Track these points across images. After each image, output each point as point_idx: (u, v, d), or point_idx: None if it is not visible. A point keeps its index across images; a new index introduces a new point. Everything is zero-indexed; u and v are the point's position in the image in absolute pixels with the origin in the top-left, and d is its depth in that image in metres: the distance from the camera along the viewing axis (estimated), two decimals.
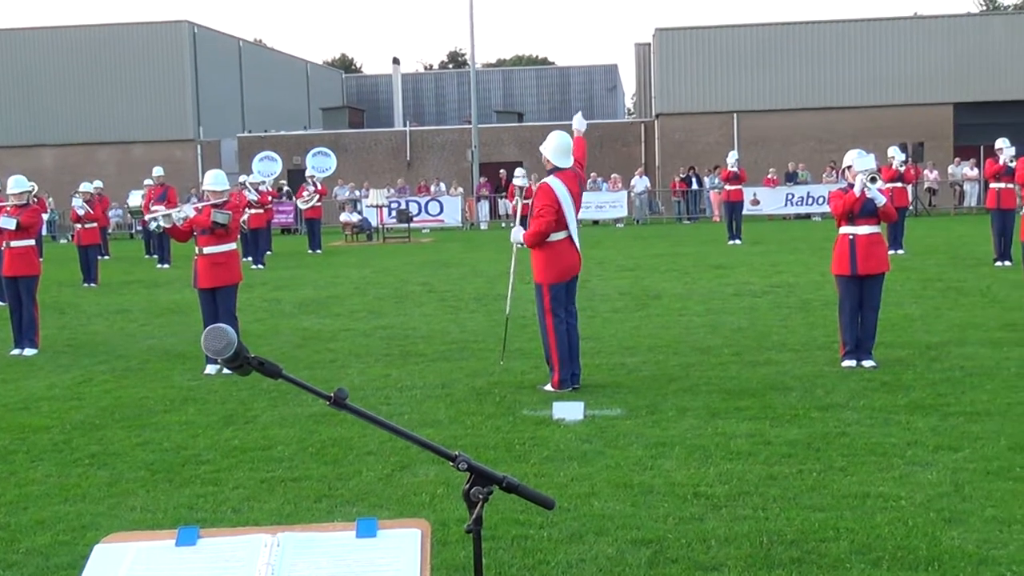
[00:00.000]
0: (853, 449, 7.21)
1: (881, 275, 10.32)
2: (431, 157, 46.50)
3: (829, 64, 43.57)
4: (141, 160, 38.68)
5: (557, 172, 9.57)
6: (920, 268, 18.46)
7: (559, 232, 9.47)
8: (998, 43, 43.43)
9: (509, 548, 5.48)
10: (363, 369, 10.98)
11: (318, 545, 2.54)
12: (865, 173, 10.23)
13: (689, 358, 10.87)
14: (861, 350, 10.15)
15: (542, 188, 9.54)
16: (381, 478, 6.94)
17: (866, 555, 5.28)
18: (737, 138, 42.27)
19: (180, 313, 15.71)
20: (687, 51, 44.68)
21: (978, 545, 5.35)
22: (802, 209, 37.37)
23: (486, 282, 18.76)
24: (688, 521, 5.86)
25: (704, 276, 18.80)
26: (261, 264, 24.22)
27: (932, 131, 42.48)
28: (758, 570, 5.14)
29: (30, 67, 46.43)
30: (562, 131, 10.03)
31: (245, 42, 53.77)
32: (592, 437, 7.79)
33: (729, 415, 8.32)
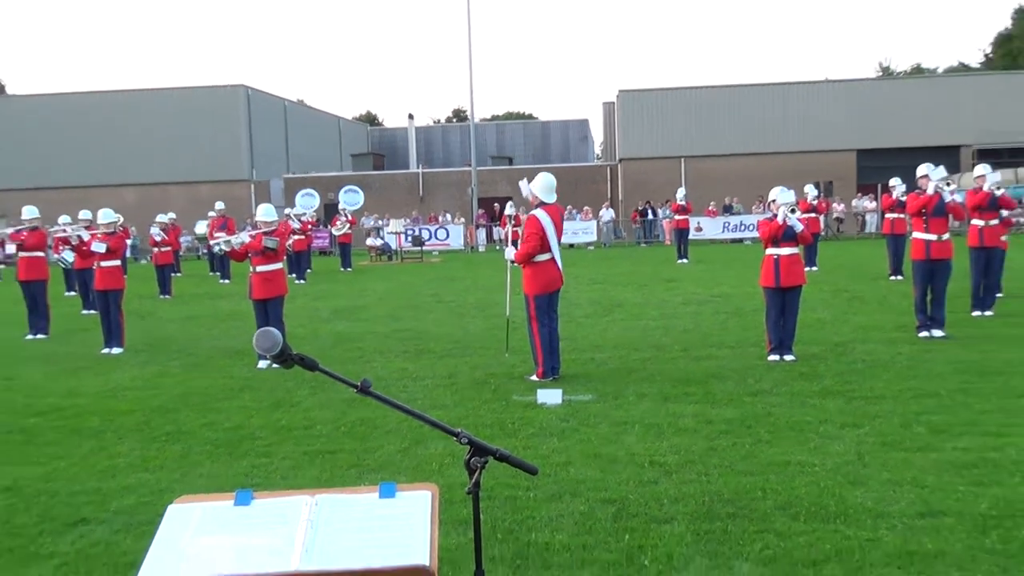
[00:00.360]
0: (777, 426, 7.24)
1: (799, 287, 10.36)
2: (439, 193, 46.54)
3: (757, 119, 43.85)
4: (206, 196, 38.60)
5: (543, 206, 9.64)
6: (830, 281, 18.51)
7: (544, 254, 9.52)
8: (891, 101, 43.82)
9: (502, 506, 5.49)
10: (385, 363, 10.98)
11: (348, 504, 2.56)
12: (786, 205, 10.29)
13: (646, 354, 10.89)
14: (783, 347, 10.19)
15: (531, 218, 9.59)
16: (400, 451, 6.95)
17: (787, 510, 5.30)
18: (684, 178, 42.35)
19: (238, 319, 15.70)
20: (644, 108, 44.89)
21: (876, 502, 5.38)
22: (736, 235, 37.54)
23: (484, 293, 18.77)
24: (645, 484, 5.88)
25: (658, 288, 18.83)
26: (303, 280, 24.19)
27: (839, 172, 42.85)
28: (701, 523, 5.15)
29: (117, 122, 46.41)
30: (547, 173, 10.10)
31: (289, 101, 53.74)
32: (569, 417, 7.80)
33: (678, 399, 8.34)
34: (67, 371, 11.27)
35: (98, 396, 9.60)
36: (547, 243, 9.51)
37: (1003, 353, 10.03)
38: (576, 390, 8.85)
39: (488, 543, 4.85)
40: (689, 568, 4.55)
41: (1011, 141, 42.26)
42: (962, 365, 9.44)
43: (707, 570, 4.52)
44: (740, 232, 37.23)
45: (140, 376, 10.72)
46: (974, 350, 10.30)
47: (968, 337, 11.19)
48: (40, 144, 46.20)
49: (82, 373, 11.09)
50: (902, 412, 7.52)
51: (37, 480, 6.51)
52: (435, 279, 23.68)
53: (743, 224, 37.15)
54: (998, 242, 13.26)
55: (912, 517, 5.11)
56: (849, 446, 6.58)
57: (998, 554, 4.58)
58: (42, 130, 46.51)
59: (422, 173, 48.19)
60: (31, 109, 48.01)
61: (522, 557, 4.75)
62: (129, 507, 5.82)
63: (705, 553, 4.73)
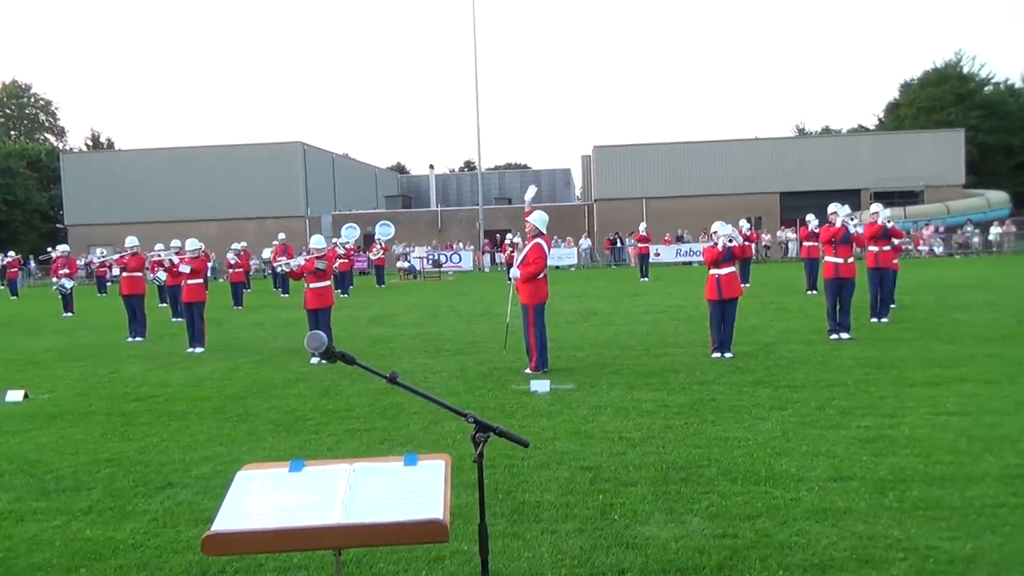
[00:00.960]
0: (719, 409, 7.20)
1: (736, 299, 10.34)
2: (454, 227, 46.48)
3: (703, 168, 43.93)
4: (271, 228, 38.52)
5: (542, 235, 9.65)
6: (760, 295, 18.49)
7: (542, 274, 9.57)
8: (806, 155, 44.08)
9: (502, 472, 5.45)
10: (410, 360, 10.94)
11: (380, 471, 2.53)
12: (726, 236, 10.29)
13: (616, 352, 10.85)
14: (724, 347, 10.15)
15: (536, 246, 9.63)
16: (421, 429, 6.90)
17: (727, 476, 5.26)
18: (645, 214, 42.31)
19: (295, 325, 15.65)
20: (614, 160, 44.98)
21: (797, 469, 5.34)
22: (686, 258, 37.49)
23: (488, 305, 18.74)
24: (616, 455, 5.84)
25: (625, 301, 18.80)
26: (346, 294, 24.14)
27: (766, 209, 42.88)
28: (659, 485, 5.11)
29: (202, 170, 46.44)
30: (542, 211, 10.08)
31: (336, 154, 53.72)
32: (555, 402, 7.76)
33: (641, 388, 8.30)
34: (159, 366, 11.22)
35: (183, 386, 9.55)
36: (545, 265, 9.64)
37: (896, 351, 10.00)
38: (561, 381, 8.81)
39: (490, 502, 4.81)
40: (650, 522, 4.51)
41: (899, 186, 42.49)
42: (864, 360, 9.41)
43: (664, 523, 4.47)
44: (689, 256, 37.22)
45: (217, 370, 10.67)
46: (873, 348, 10.27)
47: (868, 339, 11.16)
48: (141, 187, 46.19)
49: (171, 368, 11.04)
50: (817, 398, 7.48)
51: (134, 452, 6.46)
52: (450, 294, 23.64)
53: (691, 251, 37.20)
54: (891, 264, 13.37)
55: (826, 481, 5.07)
56: (775, 425, 6.55)
57: (894, 510, 4.54)
58: (143, 176, 46.51)
59: (440, 211, 48.21)
60: (134, 160, 48.04)
61: (518, 513, 4.71)
62: (207, 474, 5.77)
63: (663, 510, 4.69)
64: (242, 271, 22.81)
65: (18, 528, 4.80)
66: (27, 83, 70.30)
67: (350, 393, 8.59)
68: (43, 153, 59.40)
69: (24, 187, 55.14)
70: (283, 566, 4.04)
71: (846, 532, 4.25)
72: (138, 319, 14.71)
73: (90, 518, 4.93)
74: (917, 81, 57.45)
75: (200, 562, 4.12)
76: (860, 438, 6.03)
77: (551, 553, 4.11)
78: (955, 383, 7.91)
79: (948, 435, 6.04)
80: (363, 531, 2.25)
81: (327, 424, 7.22)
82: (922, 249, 35.87)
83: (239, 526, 2.30)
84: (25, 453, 6.55)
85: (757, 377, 8.65)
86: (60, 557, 4.32)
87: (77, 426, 7.50)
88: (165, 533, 4.62)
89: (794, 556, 3.96)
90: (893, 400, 7.28)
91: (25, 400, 8.85)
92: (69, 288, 20.93)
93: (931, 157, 42.77)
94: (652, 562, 3.95)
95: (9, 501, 5.31)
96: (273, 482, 2.51)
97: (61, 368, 11.36)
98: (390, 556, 4.10)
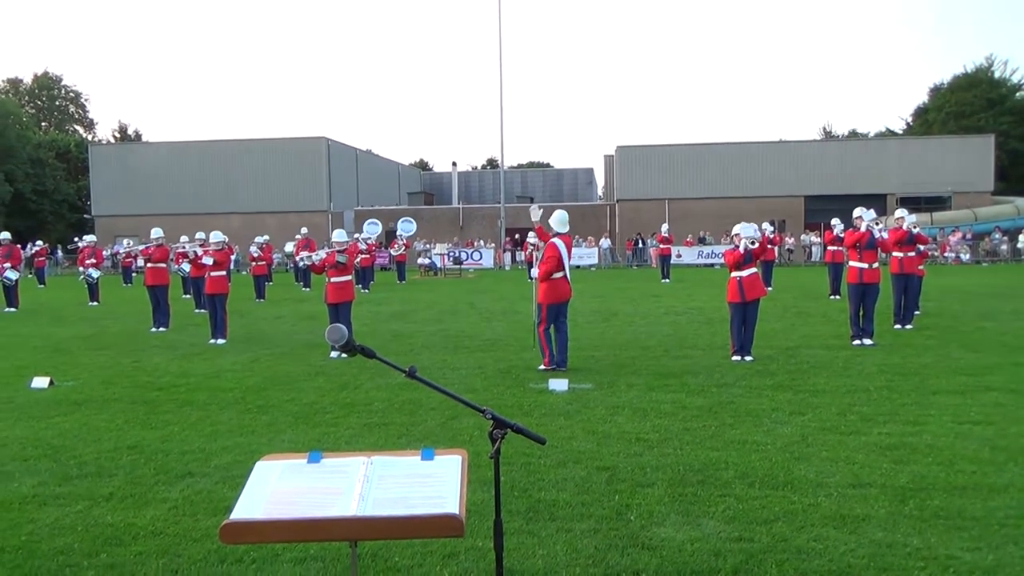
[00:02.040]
0: (738, 412, 7.15)
1: (758, 301, 10.26)
2: (475, 224, 46.54)
3: (726, 170, 43.74)
4: (294, 223, 38.75)
5: (559, 235, 9.65)
6: (782, 299, 18.34)
7: (558, 272, 9.53)
8: (832, 158, 43.71)
9: (519, 470, 5.45)
10: (430, 356, 10.96)
11: (396, 465, 2.54)
12: (748, 239, 10.22)
13: (635, 353, 10.81)
14: (744, 350, 10.08)
15: (550, 245, 9.64)
16: (439, 424, 6.92)
17: (745, 479, 5.22)
18: (668, 215, 42.18)
19: (315, 319, 15.75)
20: (637, 160, 44.85)
21: (816, 474, 5.30)
22: (708, 260, 37.23)
23: (508, 303, 18.75)
24: (632, 456, 5.82)
25: (646, 302, 18.72)
26: (367, 290, 24.23)
27: (790, 213, 42.54)
28: (676, 487, 5.09)
29: (227, 164, 46.89)
30: (562, 210, 10.07)
31: (360, 150, 53.93)
32: (573, 401, 7.75)
33: (660, 389, 8.26)
34: (182, 356, 11.34)
35: (205, 376, 9.64)
36: (561, 264, 9.54)
37: (920, 358, 9.88)
38: (579, 380, 8.79)
39: (507, 499, 4.81)
40: (666, 523, 4.49)
41: (926, 191, 41.98)
42: (886, 367, 9.31)
43: (680, 525, 4.45)
44: (711, 259, 36.96)
45: (239, 361, 10.75)
46: (896, 355, 10.15)
47: (891, 345, 11.03)
48: (168, 180, 46.69)
49: (193, 358, 11.15)
50: (838, 404, 7.41)
51: (155, 441, 6.54)
52: (470, 291, 23.67)
53: (713, 252, 36.88)
54: (915, 270, 13.22)
55: (845, 487, 5.02)
56: (795, 430, 6.49)
57: (914, 519, 4.49)
58: (169, 169, 47.00)
59: (462, 208, 48.26)
60: (161, 153, 48.55)
61: (534, 511, 4.70)
62: (226, 464, 5.82)
63: (679, 511, 4.66)
64: (265, 264, 22.96)
65: (41, 512, 4.87)
66: (58, 75, 71.24)
67: (369, 387, 8.63)
68: (72, 144, 60.23)
69: (53, 178, 55.97)
70: (300, 557, 4.07)
71: (864, 539, 4.20)
72: (162, 309, 14.87)
73: (111, 504, 4.99)
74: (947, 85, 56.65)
75: (218, 550, 4.16)
76: (881, 445, 5.96)
77: (566, 552, 4.11)
78: (979, 392, 7.80)
79: (971, 444, 5.95)
80: (379, 524, 2.26)
81: (346, 417, 7.25)
82: (948, 256, 35.39)
83: (257, 515, 2.32)
84: (49, 439, 6.65)
85: (777, 381, 8.58)
86: (81, 542, 4.38)
87: (100, 413, 7.61)
88: (184, 521, 4.67)
89: (811, 562, 3.93)
90: (915, 408, 7.19)
91: (50, 387, 8.98)
92: (96, 278, 21.22)
93: (960, 162, 42.22)
94: (667, 564, 3.94)
95: (33, 485, 5.39)
96: (291, 473, 2.52)
97: (86, 356, 11.52)
98: (406, 550, 4.11)
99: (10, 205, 51.21)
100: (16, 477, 5.59)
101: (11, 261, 20.11)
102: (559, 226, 9.69)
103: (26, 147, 54.17)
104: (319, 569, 3.94)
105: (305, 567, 3.97)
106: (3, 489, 5.33)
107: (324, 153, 47.01)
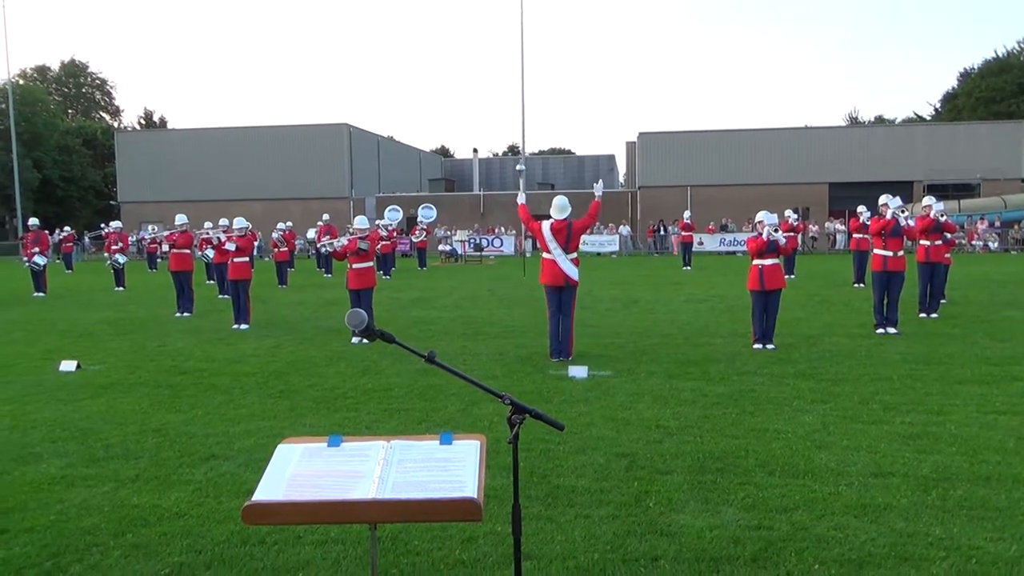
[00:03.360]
0: (758, 400, 7.11)
1: (779, 290, 10.17)
2: (496, 211, 46.49)
3: (749, 156, 43.26)
4: (316, 210, 38.96)
5: (552, 220, 9.55)
6: (804, 287, 18.18)
7: (545, 254, 9.52)
8: (858, 144, 43.05)
9: (538, 456, 5.46)
10: (450, 342, 11.00)
11: (416, 448, 2.56)
12: (771, 226, 10.12)
13: (655, 340, 10.78)
14: (765, 338, 10.01)
15: (534, 226, 9.72)
16: (459, 410, 6.95)
17: (765, 467, 5.20)
18: (690, 202, 41.83)
19: (337, 305, 15.85)
20: (659, 147, 44.52)
21: (837, 463, 5.26)
22: (730, 248, 36.95)
23: (529, 290, 18.71)
24: (652, 443, 5.81)
25: (666, 289, 18.64)
26: (388, 276, 24.33)
27: (815, 200, 42.04)
28: (696, 475, 5.08)
29: (250, 151, 47.16)
30: (561, 196, 9.98)
31: (381, 137, 54.03)
32: (592, 388, 7.75)
33: (680, 377, 8.23)
34: (205, 341, 11.46)
35: (228, 361, 9.75)
36: (544, 245, 9.47)
37: (945, 348, 9.76)
38: (599, 367, 8.79)
39: (525, 485, 4.82)
40: (685, 510, 4.48)
41: (953, 178, 41.30)
42: (910, 356, 9.20)
43: (699, 512, 4.45)
44: (733, 246, 36.66)
45: (261, 347, 10.85)
46: (920, 344, 10.04)
47: (916, 334, 10.91)
48: (192, 166, 47.10)
49: (217, 343, 11.27)
50: (860, 392, 7.34)
51: (179, 424, 6.63)
52: (491, 278, 23.70)
53: (736, 240, 36.58)
54: (942, 258, 13.03)
55: (866, 476, 4.99)
56: (816, 418, 6.45)
57: (937, 508, 4.45)
58: (193, 156, 47.41)
59: (483, 195, 48.26)
60: (186, 139, 48.96)
61: (552, 497, 4.72)
62: (249, 447, 5.89)
63: (698, 499, 4.66)
64: (287, 251, 23.11)
65: (69, 493, 4.97)
66: (84, 62, 71.95)
67: (390, 373, 8.68)
68: (99, 131, 60.90)
69: (80, 164, 56.64)
70: (321, 539, 4.12)
71: (885, 528, 4.17)
72: (186, 295, 15.03)
73: (137, 486, 5.08)
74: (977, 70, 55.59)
75: (241, 532, 4.22)
76: (904, 434, 5.91)
77: (584, 537, 4.12)
78: (1005, 382, 7.69)
79: (996, 434, 5.88)
80: (398, 507, 2.28)
81: (366, 403, 7.31)
82: (976, 244, 34.84)
83: (278, 497, 2.35)
84: (77, 421, 6.76)
85: (799, 369, 8.51)
86: (108, 522, 4.46)
87: (126, 397, 7.73)
88: (208, 503, 4.73)
89: (831, 550, 3.91)
90: (939, 397, 7.11)
91: (78, 370, 9.13)
92: (122, 263, 21.50)
93: (989, 149, 41.45)
94: (686, 550, 3.94)
95: (61, 467, 5.50)
96: (311, 456, 2.55)
97: (112, 340, 11.69)
98: (425, 534, 4.15)
99: (38, 191, 51.92)
100: (45, 459, 5.70)
101: (39, 247, 20.41)
102: (556, 212, 9.57)
103: (54, 134, 54.84)
104: (340, 552, 3.98)
105: (326, 549, 4.01)
106: (33, 470, 5.44)
107: (346, 140, 47.14)
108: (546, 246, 9.44)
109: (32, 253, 20.26)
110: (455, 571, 3.76)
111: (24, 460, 5.68)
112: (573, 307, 9.55)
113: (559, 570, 3.75)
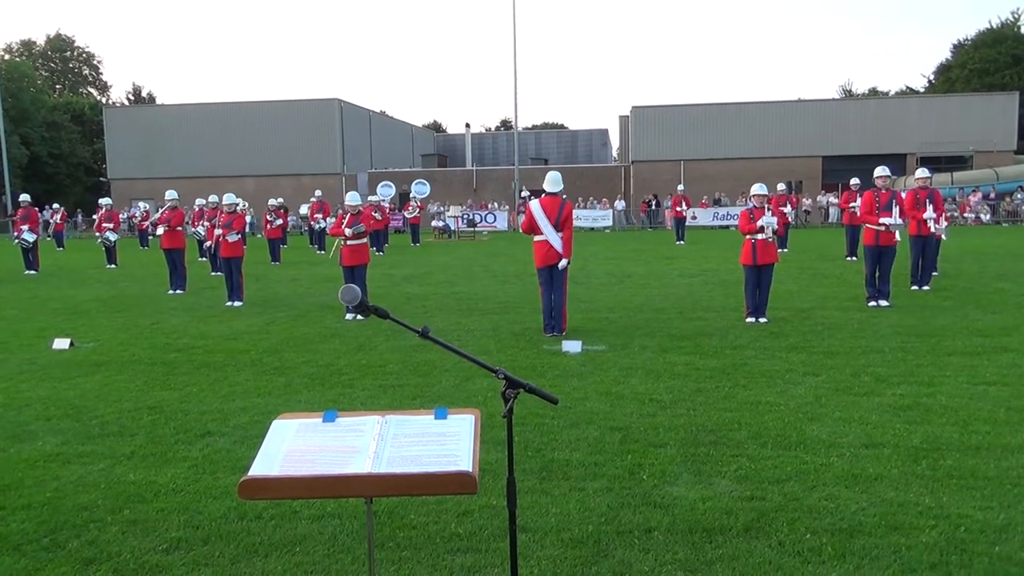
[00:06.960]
0: (751, 374, 7.16)
1: (772, 265, 10.19)
2: (489, 186, 46.33)
3: (743, 130, 43.08)
4: (308, 186, 38.81)
5: (543, 196, 9.52)
6: (797, 261, 18.22)
7: (538, 235, 9.44)
8: (851, 117, 42.92)
9: (532, 430, 5.49)
10: (444, 318, 11.01)
11: (411, 423, 2.57)
12: (768, 225, 9.99)
13: (649, 315, 10.81)
14: (758, 312, 10.05)
15: (527, 207, 9.65)
16: (453, 386, 6.97)
17: (757, 440, 5.25)
18: (683, 176, 41.77)
19: (331, 281, 15.83)
20: (652, 121, 44.28)
21: (829, 435, 5.31)
22: (723, 222, 36.86)
23: (522, 266, 18.73)
24: (645, 416, 5.85)
25: (660, 264, 18.66)
26: (382, 252, 24.25)
27: (808, 173, 41.97)
28: (689, 447, 5.12)
29: (240, 126, 46.76)
30: (555, 171, 9.93)
31: (373, 112, 53.60)
32: (586, 363, 7.78)
33: (673, 351, 8.27)
34: (199, 319, 11.45)
35: (222, 338, 9.74)
36: (536, 227, 9.39)
37: (936, 320, 9.82)
38: (593, 342, 8.82)
39: (520, 459, 4.86)
40: (678, 482, 4.53)
41: (947, 151, 41.27)
42: (902, 328, 9.26)
43: (692, 484, 4.49)
44: (726, 220, 36.61)
45: (255, 324, 10.85)
46: (912, 316, 10.09)
47: (908, 306, 10.97)
48: (181, 142, 46.70)
49: (210, 320, 11.26)
50: (852, 365, 7.40)
51: (174, 401, 6.64)
52: (484, 254, 23.67)
53: (729, 214, 36.50)
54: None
55: (858, 447, 5.04)
56: (808, 390, 6.50)
57: (927, 478, 4.50)
58: (183, 131, 46.99)
59: (476, 170, 48.03)
60: (175, 115, 48.44)
61: (547, 470, 4.76)
62: (244, 424, 5.91)
63: (691, 471, 4.70)
64: (280, 227, 23.01)
65: (65, 470, 4.98)
66: (71, 36, 70.96)
67: (384, 349, 8.69)
68: (87, 107, 60.23)
69: (69, 141, 56.08)
70: (317, 514, 4.15)
71: (876, 498, 4.22)
72: (178, 272, 14.98)
73: (133, 463, 5.09)
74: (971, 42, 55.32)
75: (238, 507, 4.25)
76: (895, 406, 5.96)
77: (579, 510, 4.16)
78: (995, 353, 7.76)
79: (986, 405, 5.94)
80: (394, 480, 2.29)
81: (361, 379, 7.32)
82: (968, 216, 34.91)
83: (273, 472, 2.36)
84: (71, 399, 6.77)
85: (791, 342, 8.56)
86: (105, 498, 4.48)
87: (120, 374, 7.73)
88: (204, 479, 4.76)
89: (822, 520, 3.96)
90: (930, 368, 7.17)
91: (71, 348, 9.12)
92: (113, 241, 21.38)
93: (982, 121, 41.39)
94: (679, 522, 3.98)
95: (57, 444, 5.51)
96: (307, 431, 2.56)
97: (105, 318, 11.66)
98: (421, 508, 4.18)
99: (27, 168, 51.45)
100: (40, 436, 5.71)
101: (28, 223, 20.28)
102: (549, 186, 9.53)
103: (41, 110, 54.24)
104: (336, 526, 4.02)
105: (322, 524, 4.04)
106: (28, 448, 5.45)
107: (337, 115, 46.76)
108: (539, 228, 9.40)
109: (21, 230, 20.13)
110: (451, 544, 3.80)
111: (19, 438, 5.69)
112: (566, 282, 9.54)
113: (554, 542, 3.79)
